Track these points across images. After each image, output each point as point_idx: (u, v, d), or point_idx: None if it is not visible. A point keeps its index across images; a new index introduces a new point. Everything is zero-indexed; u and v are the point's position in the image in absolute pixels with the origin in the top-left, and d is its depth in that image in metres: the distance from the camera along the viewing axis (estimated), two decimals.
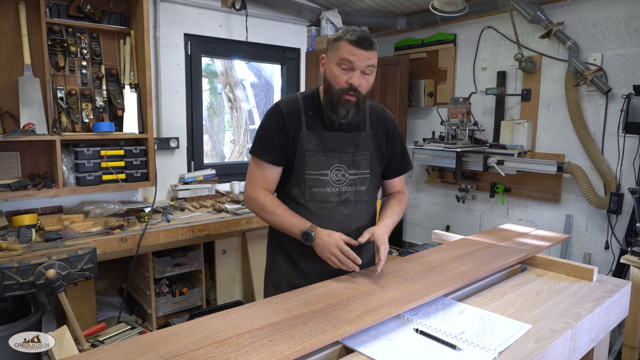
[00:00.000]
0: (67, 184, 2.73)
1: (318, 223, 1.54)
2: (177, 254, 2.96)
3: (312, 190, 1.59)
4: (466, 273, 1.46)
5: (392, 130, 1.72)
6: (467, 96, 3.66)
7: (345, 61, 1.48)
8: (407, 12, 4.14)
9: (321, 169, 1.59)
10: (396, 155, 1.74)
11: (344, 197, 1.61)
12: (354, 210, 1.64)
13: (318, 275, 1.59)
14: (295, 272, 1.66)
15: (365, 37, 1.48)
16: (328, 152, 1.60)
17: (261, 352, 0.98)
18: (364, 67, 1.49)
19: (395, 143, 1.73)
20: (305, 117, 1.59)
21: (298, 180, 1.60)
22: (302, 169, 1.59)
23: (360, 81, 1.50)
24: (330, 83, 1.54)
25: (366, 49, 1.47)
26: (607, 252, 3.13)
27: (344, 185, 1.61)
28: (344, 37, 1.49)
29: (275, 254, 1.73)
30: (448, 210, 4.19)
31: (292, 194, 1.62)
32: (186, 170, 3.55)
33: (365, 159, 1.64)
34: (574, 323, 1.23)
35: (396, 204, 1.73)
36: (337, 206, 1.61)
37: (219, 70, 5.26)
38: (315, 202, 1.59)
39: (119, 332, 2.36)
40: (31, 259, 2.04)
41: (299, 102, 1.62)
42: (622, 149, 2.98)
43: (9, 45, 2.65)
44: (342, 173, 1.61)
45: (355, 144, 1.63)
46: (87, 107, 2.86)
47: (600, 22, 3.08)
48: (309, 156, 1.58)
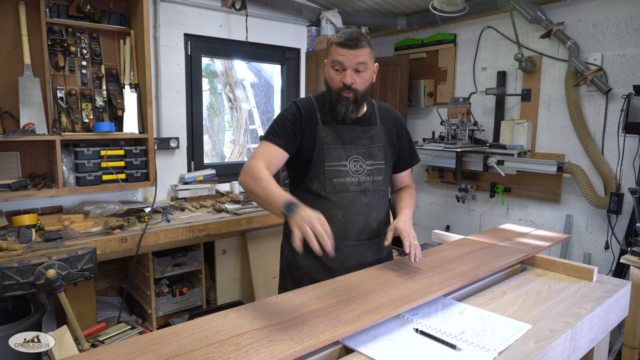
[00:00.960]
0: (67, 184, 2.73)
1: (339, 213, 1.61)
2: (177, 254, 2.96)
3: (332, 182, 1.64)
4: (466, 273, 1.46)
5: (400, 126, 1.81)
6: (467, 96, 3.66)
7: (337, 62, 1.57)
8: (407, 12, 4.14)
9: (340, 160, 1.65)
10: (405, 148, 1.83)
11: (363, 186, 1.67)
12: (372, 199, 1.70)
13: (342, 269, 1.62)
14: (318, 267, 1.67)
15: (352, 37, 1.55)
16: (345, 145, 1.67)
17: (261, 352, 0.98)
18: (355, 65, 1.56)
19: (404, 138, 1.82)
20: (320, 114, 1.67)
21: (317, 173, 1.65)
22: (321, 162, 1.64)
23: (354, 78, 1.57)
24: (328, 85, 1.63)
25: (353, 48, 1.54)
26: (607, 252, 3.13)
27: (363, 175, 1.68)
28: (334, 41, 1.58)
29: (294, 252, 1.70)
30: (448, 210, 4.19)
31: (311, 188, 1.66)
32: (186, 170, 3.55)
33: (380, 150, 1.71)
34: (574, 323, 1.23)
35: (408, 195, 1.79)
36: (358, 195, 1.66)
37: (219, 70, 5.26)
38: (336, 192, 1.64)
39: (119, 332, 2.36)
40: (31, 259, 2.04)
41: (313, 101, 1.71)
42: (622, 149, 2.98)
43: (9, 45, 2.65)
44: (359, 164, 1.68)
45: (370, 137, 1.70)
46: (87, 107, 2.86)
47: (600, 22, 3.08)
48: (328, 149, 1.64)
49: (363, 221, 1.68)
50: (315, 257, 1.65)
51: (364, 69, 1.58)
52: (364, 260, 1.69)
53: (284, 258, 1.80)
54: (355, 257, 1.67)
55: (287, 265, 1.77)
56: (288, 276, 1.77)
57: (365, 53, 1.57)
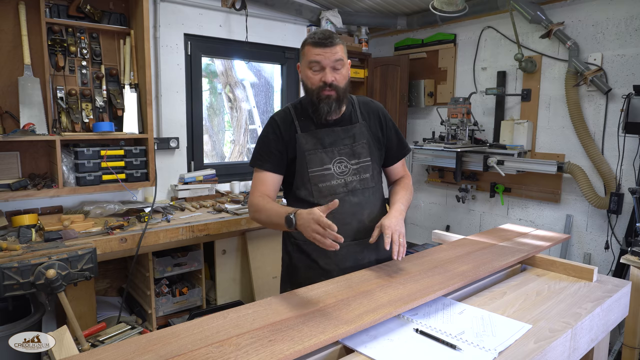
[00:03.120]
0: (67, 184, 2.73)
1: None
2: (177, 254, 2.96)
3: (318, 187, 1.65)
4: (466, 273, 1.46)
5: (383, 118, 1.79)
6: (467, 96, 3.66)
7: (314, 63, 1.58)
8: (407, 12, 4.14)
9: (323, 164, 1.65)
10: (393, 140, 1.80)
11: (350, 186, 1.67)
12: (362, 198, 1.69)
13: (339, 270, 1.62)
14: (316, 270, 1.67)
15: (325, 35, 1.57)
16: (327, 148, 1.66)
17: (261, 352, 0.98)
18: (332, 63, 1.57)
19: (390, 130, 1.80)
20: (299, 122, 1.68)
21: (303, 180, 1.66)
22: (304, 168, 1.65)
23: (334, 76, 1.58)
24: (307, 86, 1.63)
25: (329, 46, 1.55)
26: (607, 252, 3.13)
27: (349, 175, 1.67)
28: (307, 42, 1.60)
29: (292, 256, 1.74)
30: (448, 210, 4.19)
31: (300, 196, 1.67)
32: (186, 170, 3.54)
33: (364, 147, 1.70)
34: (574, 323, 1.23)
35: (401, 188, 1.78)
36: (346, 196, 1.66)
37: (219, 70, 5.26)
38: (324, 197, 1.64)
39: (119, 332, 2.36)
40: (31, 259, 2.04)
41: (291, 111, 1.71)
42: (622, 149, 2.99)
43: (9, 45, 2.65)
44: (344, 164, 1.67)
45: (352, 136, 1.70)
46: (87, 107, 2.86)
47: (600, 22, 3.08)
48: (309, 155, 1.65)
49: (356, 221, 1.67)
50: (312, 260, 1.68)
51: (341, 66, 1.59)
52: (361, 261, 1.68)
53: (284, 262, 1.81)
54: (351, 258, 1.67)
55: (286, 268, 1.78)
56: (287, 278, 1.78)
57: (341, 50, 1.58)
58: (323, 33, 1.58)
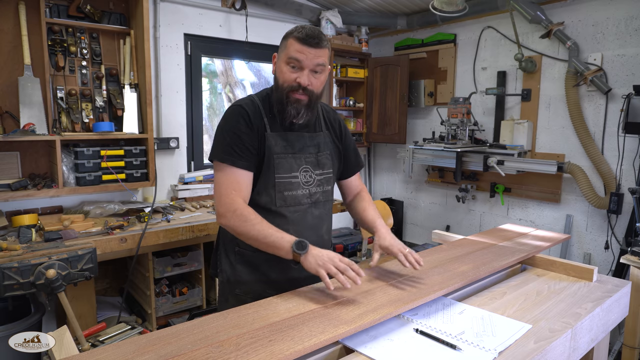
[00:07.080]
0: (67, 184, 2.73)
1: (291, 228, 1.46)
2: (177, 254, 2.96)
3: (283, 195, 1.50)
4: (466, 273, 1.46)
5: (344, 129, 1.69)
6: (467, 96, 3.66)
7: (294, 60, 1.42)
8: (407, 12, 4.14)
9: (291, 171, 1.51)
10: (351, 153, 1.71)
11: (314, 198, 1.56)
12: (323, 211, 1.60)
13: (290, 282, 1.47)
14: (264, 283, 1.53)
15: (313, 34, 1.41)
16: (296, 154, 1.52)
17: (261, 352, 0.98)
18: (313, 66, 1.43)
19: (349, 141, 1.70)
20: (267, 119, 1.51)
21: (266, 186, 1.49)
22: (271, 173, 1.48)
23: (310, 80, 1.43)
24: (278, 81, 1.47)
25: (314, 47, 1.41)
26: (607, 252, 3.13)
27: (313, 186, 1.55)
28: (292, 34, 1.43)
29: (235, 266, 1.55)
30: (448, 210, 4.19)
31: (259, 202, 1.49)
32: (186, 170, 3.54)
33: (327, 158, 1.59)
34: (574, 323, 1.23)
35: (369, 204, 1.67)
36: (309, 208, 1.55)
37: (219, 70, 5.25)
38: (287, 206, 1.50)
39: (119, 332, 2.36)
40: (31, 259, 2.04)
41: (259, 104, 1.52)
42: (622, 149, 2.98)
43: (9, 45, 2.65)
44: (309, 174, 1.55)
45: (317, 145, 1.58)
46: (87, 107, 2.86)
47: (600, 22, 3.08)
48: (279, 159, 1.49)
49: (315, 235, 1.55)
50: (261, 272, 1.53)
51: (321, 71, 1.45)
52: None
53: (223, 273, 1.59)
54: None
55: (227, 281, 1.58)
56: (229, 294, 1.57)
57: (325, 54, 1.45)
58: (312, 30, 1.42)
